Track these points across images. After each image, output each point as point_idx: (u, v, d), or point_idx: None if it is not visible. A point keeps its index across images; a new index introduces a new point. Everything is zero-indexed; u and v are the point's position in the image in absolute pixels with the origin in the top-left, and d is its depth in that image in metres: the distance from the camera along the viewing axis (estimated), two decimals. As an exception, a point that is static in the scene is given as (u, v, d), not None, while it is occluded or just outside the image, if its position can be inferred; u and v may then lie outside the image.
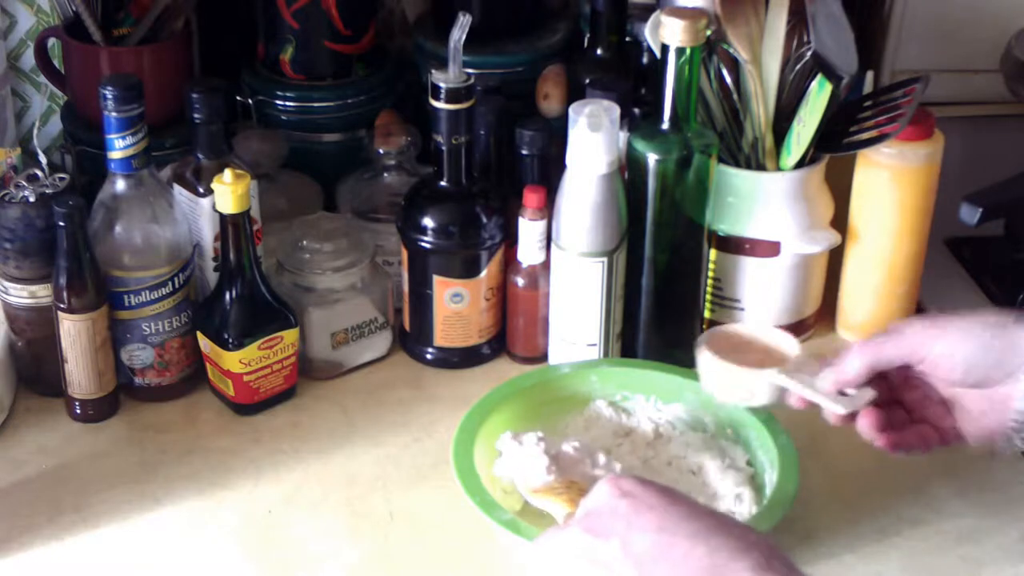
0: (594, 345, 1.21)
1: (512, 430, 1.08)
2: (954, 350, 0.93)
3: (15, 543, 1.05)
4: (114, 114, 1.12)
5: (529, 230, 1.21)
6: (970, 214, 1.25)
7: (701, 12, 1.15)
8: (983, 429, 0.96)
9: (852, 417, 0.97)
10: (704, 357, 1.06)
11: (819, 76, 1.18)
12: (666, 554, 0.80)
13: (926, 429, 0.99)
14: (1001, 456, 1.01)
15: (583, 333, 1.21)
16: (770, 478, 1.05)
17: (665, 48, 1.15)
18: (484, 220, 1.22)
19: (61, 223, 1.11)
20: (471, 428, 1.07)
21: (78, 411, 1.18)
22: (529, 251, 1.23)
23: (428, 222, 1.21)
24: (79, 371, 1.16)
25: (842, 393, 0.98)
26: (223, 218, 1.14)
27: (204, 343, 1.19)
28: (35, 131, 1.43)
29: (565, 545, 0.84)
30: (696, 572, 0.79)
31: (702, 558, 0.79)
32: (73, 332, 1.14)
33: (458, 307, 1.24)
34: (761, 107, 1.21)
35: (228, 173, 1.13)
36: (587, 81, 1.25)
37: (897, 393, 1.00)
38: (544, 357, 1.26)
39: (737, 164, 1.24)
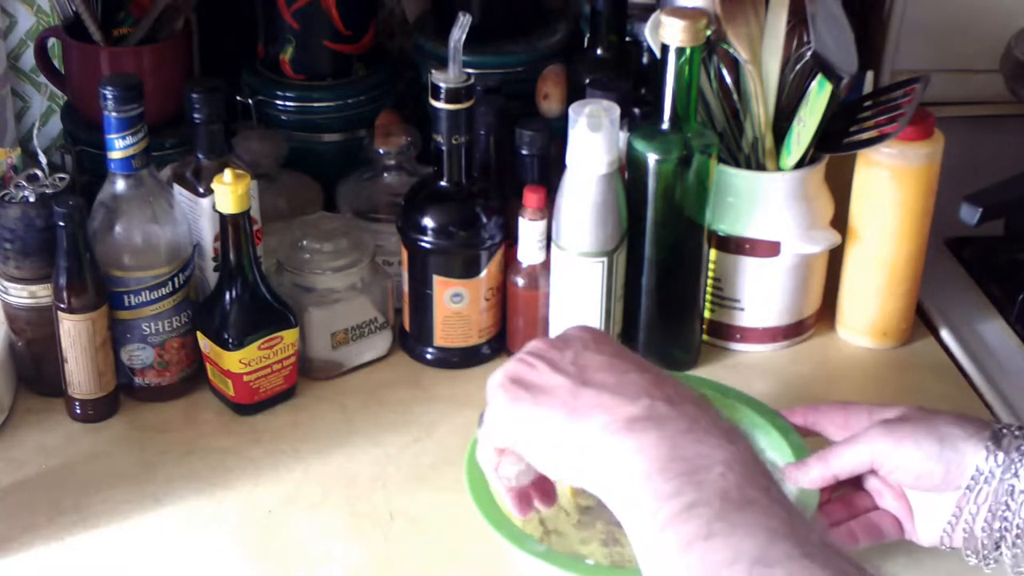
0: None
1: None
2: (907, 462, 0.97)
3: (15, 543, 1.05)
4: (114, 114, 1.12)
5: (529, 230, 1.21)
6: (970, 214, 1.25)
7: (701, 12, 1.15)
8: (934, 531, 0.99)
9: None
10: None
11: (819, 76, 1.18)
12: (609, 368, 0.85)
13: (885, 518, 1.02)
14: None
15: (583, 333, 1.21)
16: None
17: (665, 48, 1.15)
18: (484, 220, 1.22)
19: (61, 223, 1.11)
20: None
21: (78, 411, 1.18)
22: (529, 251, 1.23)
23: (428, 222, 1.21)
24: (79, 371, 1.16)
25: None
26: (223, 218, 1.14)
27: (204, 343, 1.19)
28: (35, 131, 1.43)
29: (528, 347, 0.89)
30: (628, 384, 0.83)
31: (639, 379, 0.84)
32: (73, 332, 1.14)
33: (458, 307, 1.24)
34: (761, 107, 1.21)
35: (228, 173, 1.13)
36: (587, 81, 1.24)
37: (860, 479, 1.03)
38: (544, 357, 1.26)
39: (737, 164, 1.24)
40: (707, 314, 1.29)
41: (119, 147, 1.13)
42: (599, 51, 1.35)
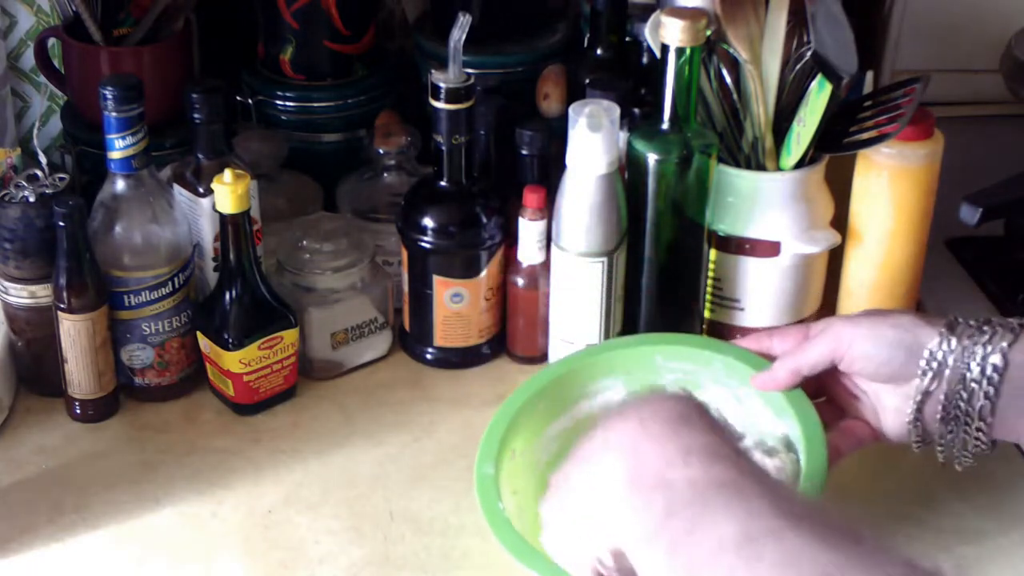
0: (594, 345, 1.21)
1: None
2: (867, 349, 0.99)
3: (15, 543, 1.05)
4: (114, 114, 1.12)
5: (529, 230, 1.21)
6: (970, 214, 1.25)
7: (701, 12, 1.15)
8: (899, 425, 1.01)
9: None
10: None
11: (819, 76, 1.18)
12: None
13: (858, 425, 1.04)
14: (999, 455, 1.01)
15: (583, 333, 1.21)
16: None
17: (665, 48, 1.15)
18: (484, 220, 1.22)
19: (61, 223, 1.11)
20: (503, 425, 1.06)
21: (78, 411, 1.18)
22: (529, 251, 1.23)
23: (428, 222, 1.21)
24: (79, 371, 1.16)
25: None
26: (223, 218, 1.14)
27: (204, 343, 1.19)
28: (35, 131, 1.43)
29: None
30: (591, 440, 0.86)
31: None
32: (73, 332, 1.14)
33: (458, 307, 1.24)
34: (761, 107, 1.21)
35: (228, 173, 1.13)
36: (587, 81, 1.25)
37: (825, 389, 1.05)
38: (544, 357, 1.26)
39: (737, 164, 1.24)
40: (707, 314, 1.29)
41: (119, 147, 1.13)
42: (599, 51, 1.35)
